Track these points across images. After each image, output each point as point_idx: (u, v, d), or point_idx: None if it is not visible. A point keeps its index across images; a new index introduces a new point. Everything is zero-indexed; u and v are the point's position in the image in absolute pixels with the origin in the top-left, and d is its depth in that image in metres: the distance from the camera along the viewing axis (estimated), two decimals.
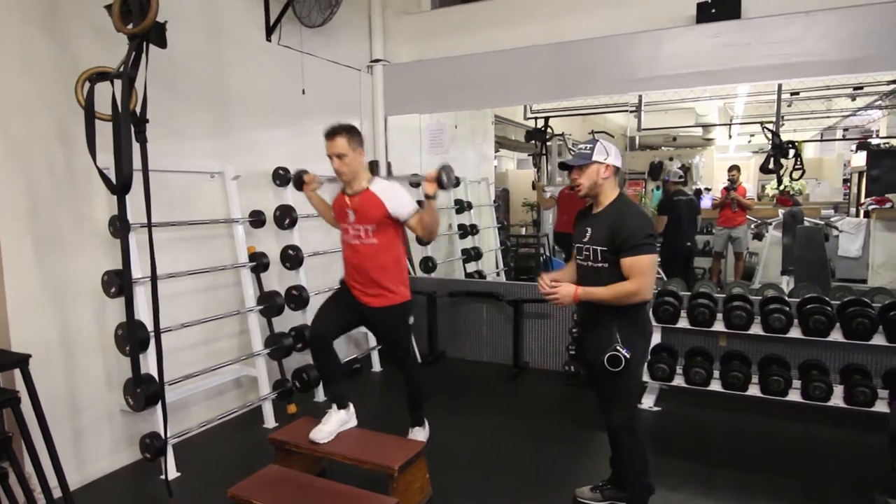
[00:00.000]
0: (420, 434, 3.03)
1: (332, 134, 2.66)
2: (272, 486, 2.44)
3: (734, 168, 6.34)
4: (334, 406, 2.82)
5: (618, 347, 2.17)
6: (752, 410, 3.63)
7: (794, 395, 3.36)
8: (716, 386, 3.55)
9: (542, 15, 4.60)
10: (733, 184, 6.22)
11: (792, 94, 6.12)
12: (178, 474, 2.98)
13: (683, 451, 3.17)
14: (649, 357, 3.73)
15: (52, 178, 2.72)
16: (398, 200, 2.68)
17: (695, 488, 2.79)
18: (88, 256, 2.88)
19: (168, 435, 2.89)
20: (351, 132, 2.67)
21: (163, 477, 2.82)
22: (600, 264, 2.26)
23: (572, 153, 2.33)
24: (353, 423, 2.86)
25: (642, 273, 2.15)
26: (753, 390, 3.46)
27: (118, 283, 2.75)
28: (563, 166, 2.39)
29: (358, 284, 2.79)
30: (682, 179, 5.75)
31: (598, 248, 2.25)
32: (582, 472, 2.89)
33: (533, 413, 3.75)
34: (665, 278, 4.67)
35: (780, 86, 5.33)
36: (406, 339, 2.99)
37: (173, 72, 3.24)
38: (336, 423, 2.76)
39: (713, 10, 3.89)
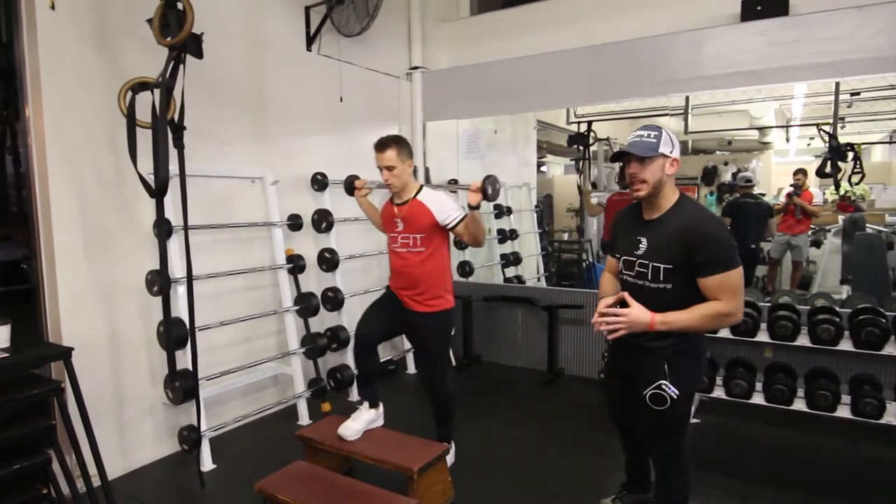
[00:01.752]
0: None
1: (381, 146, 2.71)
2: (297, 481, 2.51)
3: (800, 172, 5.99)
4: (365, 404, 2.86)
5: (664, 385, 1.87)
6: (797, 426, 3.45)
7: (844, 412, 3.16)
8: (758, 399, 3.39)
9: (580, 18, 4.55)
10: (798, 189, 5.90)
11: (852, 94, 5.77)
12: (214, 466, 3.09)
13: (720, 466, 3.04)
14: None
15: (101, 183, 2.90)
16: (445, 209, 2.73)
17: None
18: (134, 256, 3.05)
19: (204, 428, 3.03)
20: (400, 144, 2.73)
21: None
22: (662, 285, 1.89)
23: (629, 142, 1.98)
24: (381, 422, 2.90)
25: (735, 291, 1.80)
26: (799, 405, 3.28)
27: (160, 282, 2.90)
28: (621, 155, 1.95)
29: (404, 290, 2.84)
30: (749, 184, 5.58)
31: (662, 265, 1.88)
32: (611, 484, 2.79)
33: (565, 420, 3.69)
34: None
35: (837, 85, 5.05)
36: (444, 349, 2.96)
37: (217, 82, 3.41)
38: (364, 421, 2.81)
39: (759, 8, 3.74)
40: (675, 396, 1.85)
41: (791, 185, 5.98)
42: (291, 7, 3.95)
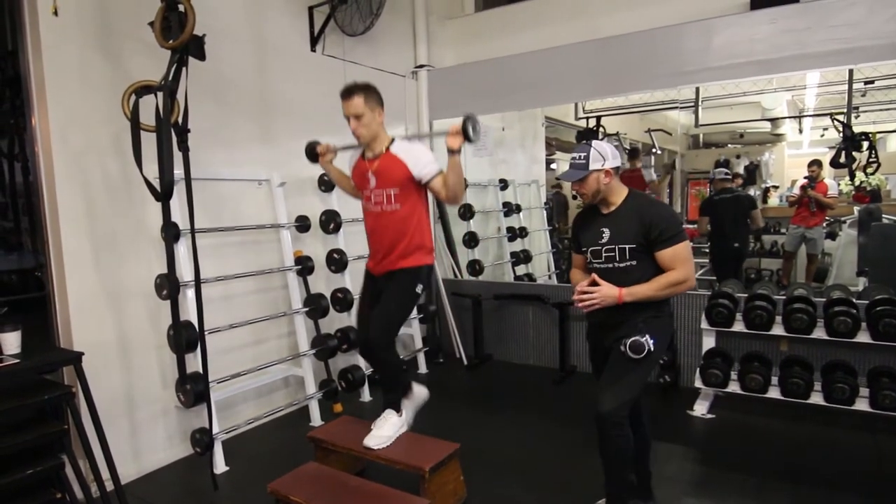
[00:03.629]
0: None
1: (347, 93, 2.52)
2: (309, 482, 2.50)
3: (814, 163, 5.87)
4: (390, 410, 2.71)
5: (647, 335, 2.14)
6: (814, 420, 3.39)
7: (862, 405, 3.10)
8: (774, 393, 3.34)
9: (587, 11, 4.51)
10: (812, 181, 5.78)
11: (866, 82, 5.67)
12: (227, 468, 3.10)
13: (736, 462, 2.99)
14: (702, 362, 3.58)
15: (108, 187, 2.91)
16: (421, 160, 2.53)
17: (746, 501, 2.63)
18: (143, 260, 3.06)
19: (216, 431, 3.03)
20: (367, 90, 2.53)
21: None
22: (628, 263, 2.20)
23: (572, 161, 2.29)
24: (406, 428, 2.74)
25: (685, 260, 2.15)
26: (816, 398, 3.22)
27: (168, 286, 2.90)
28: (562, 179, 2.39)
29: (379, 255, 2.65)
30: (727, 177, 5.31)
31: (627, 246, 2.19)
32: None
33: (578, 418, 3.64)
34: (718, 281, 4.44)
35: (850, 73, 4.97)
36: (399, 301, 2.63)
37: (223, 84, 3.42)
38: (393, 427, 2.68)
39: None
40: (651, 347, 2.13)
41: (805, 178, 5.87)
42: (294, 7, 3.94)
